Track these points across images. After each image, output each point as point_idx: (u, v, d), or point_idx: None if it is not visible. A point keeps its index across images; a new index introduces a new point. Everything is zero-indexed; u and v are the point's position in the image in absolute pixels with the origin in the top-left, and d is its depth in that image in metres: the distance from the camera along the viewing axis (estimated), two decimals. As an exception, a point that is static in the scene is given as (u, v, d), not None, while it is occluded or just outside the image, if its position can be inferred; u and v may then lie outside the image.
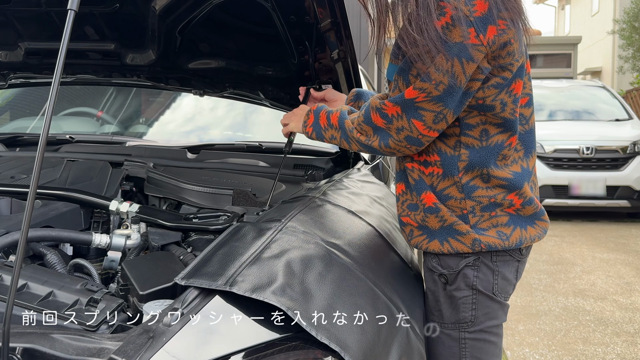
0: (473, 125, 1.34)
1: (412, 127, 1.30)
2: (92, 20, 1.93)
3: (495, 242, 1.37)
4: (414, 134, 1.31)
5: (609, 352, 3.45)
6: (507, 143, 1.36)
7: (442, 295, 1.44)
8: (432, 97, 1.26)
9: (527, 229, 1.41)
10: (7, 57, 2.21)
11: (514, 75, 1.31)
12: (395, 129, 1.32)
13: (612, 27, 16.39)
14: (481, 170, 1.35)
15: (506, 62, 1.28)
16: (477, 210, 1.36)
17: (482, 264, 1.39)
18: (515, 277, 1.45)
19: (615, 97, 8.64)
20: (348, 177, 1.92)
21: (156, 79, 2.27)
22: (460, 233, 1.37)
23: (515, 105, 1.35)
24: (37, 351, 0.94)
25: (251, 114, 2.85)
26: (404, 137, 1.32)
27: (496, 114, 1.32)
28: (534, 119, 1.46)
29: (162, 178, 2.00)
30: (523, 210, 1.40)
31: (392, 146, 1.35)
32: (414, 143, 1.33)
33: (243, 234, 1.28)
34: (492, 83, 1.29)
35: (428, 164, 1.39)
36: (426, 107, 1.27)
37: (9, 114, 3.20)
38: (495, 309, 1.43)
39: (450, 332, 1.44)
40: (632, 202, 7.11)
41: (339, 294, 1.16)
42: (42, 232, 1.48)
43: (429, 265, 1.46)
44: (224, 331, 1.02)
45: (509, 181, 1.37)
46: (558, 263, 5.38)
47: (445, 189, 1.38)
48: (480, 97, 1.30)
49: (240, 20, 1.87)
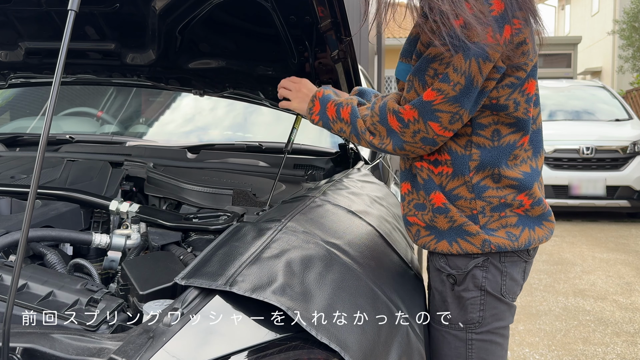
0: (485, 125, 1.34)
1: (429, 129, 1.29)
2: (92, 20, 1.93)
3: (505, 242, 1.36)
4: (430, 135, 1.31)
5: (609, 352, 3.45)
6: (520, 143, 1.36)
7: (449, 296, 1.43)
8: (449, 98, 1.25)
9: (535, 229, 1.40)
10: (8, 57, 2.21)
11: (527, 75, 1.31)
12: (411, 133, 1.31)
13: (612, 27, 16.39)
14: (492, 170, 1.35)
15: (521, 61, 1.28)
16: (487, 210, 1.36)
17: (490, 264, 1.39)
18: (522, 278, 1.44)
19: (615, 97, 8.64)
20: (348, 177, 1.92)
21: (156, 79, 2.27)
22: (470, 234, 1.36)
23: (529, 105, 1.34)
24: (37, 351, 0.94)
25: (251, 114, 2.85)
26: (420, 139, 1.32)
27: (509, 114, 1.32)
28: (541, 118, 1.45)
29: (162, 178, 2.00)
30: (532, 211, 1.40)
31: (406, 149, 1.35)
32: (429, 143, 1.33)
33: (243, 234, 1.28)
34: (506, 82, 1.29)
35: (438, 163, 1.38)
36: (443, 108, 1.27)
37: (9, 114, 3.20)
38: (502, 310, 1.42)
39: (458, 332, 1.43)
40: (632, 202, 7.11)
41: (339, 294, 1.16)
42: (42, 232, 1.48)
43: (436, 265, 1.45)
44: (224, 331, 1.02)
45: (519, 181, 1.36)
46: (558, 263, 5.38)
47: (454, 188, 1.37)
48: (494, 97, 1.30)
49: (240, 20, 1.87)
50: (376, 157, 2.46)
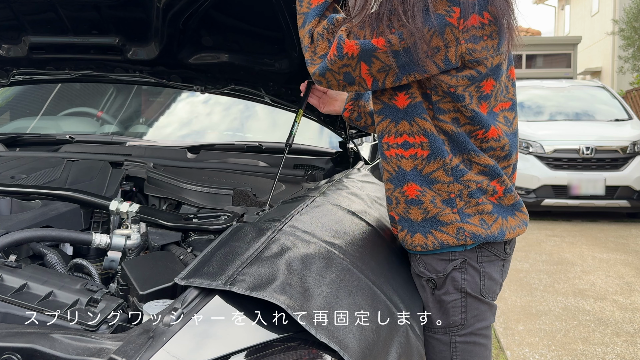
0: (445, 111, 1.34)
1: (357, 68, 1.29)
2: (95, 14, 1.93)
3: (479, 230, 1.37)
4: (355, 74, 1.30)
5: (608, 352, 3.46)
6: (482, 136, 1.36)
7: (430, 300, 1.44)
8: (392, 50, 1.26)
9: (507, 219, 1.41)
10: (11, 52, 2.21)
11: (487, 72, 1.31)
12: (340, 65, 1.30)
13: (612, 28, 16.38)
14: (462, 155, 1.36)
15: (482, 55, 1.28)
16: (465, 195, 1.36)
17: (468, 266, 1.40)
18: (501, 277, 1.45)
19: (615, 97, 8.64)
20: (348, 177, 1.92)
21: (158, 75, 2.27)
22: (444, 223, 1.37)
23: (480, 102, 1.34)
24: (37, 351, 0.94)
25: (251, 114, 2.86)
26: (344, 73, 1.31)
27: (465, 105, 1.33)
28: (517, 122, 1.46)
29: (162, 178, 2.01)
30: (505, 200, 1.40)
31: (326, 76, 1.33)
32: (348, 81, 1.33)
33: (243, 234, 1.28)
34: (465, 73, 1.29)
35: (409, 145, 1.38)
36: (381, 57, 1.27)
37: (9, 114, 3.20)
38: (484, 310, 1.43)
39: (441, 336, 1.44)
40: (632, 202, 7.11)
41: (338, 294, 1.16)
42: (42, 232, 1.48)
43: (415, 270, 1.47)
44: (224, 331, 1.02)
45: (490, 168, 1.37)
46: (558, 263, 5.39)
47: (432, 172, 1.36)
48: (452, 85, 1.30)
49: (243, 11, 1.87)
50: (376, 157, 2.46)
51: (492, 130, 1.37)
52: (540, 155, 7.28)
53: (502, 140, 1.39)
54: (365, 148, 2.44)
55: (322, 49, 1.34)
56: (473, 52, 1.27)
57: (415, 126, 1.36)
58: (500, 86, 1.38)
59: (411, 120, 1.36)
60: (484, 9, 1.25)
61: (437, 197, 1.37)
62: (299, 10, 1.41)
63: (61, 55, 2.22)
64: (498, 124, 1.39)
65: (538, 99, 8.67)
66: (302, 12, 1.39)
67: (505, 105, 1.42)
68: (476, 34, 1.26)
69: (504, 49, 1.32)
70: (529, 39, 18.68)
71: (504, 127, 1.41)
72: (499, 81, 1.36)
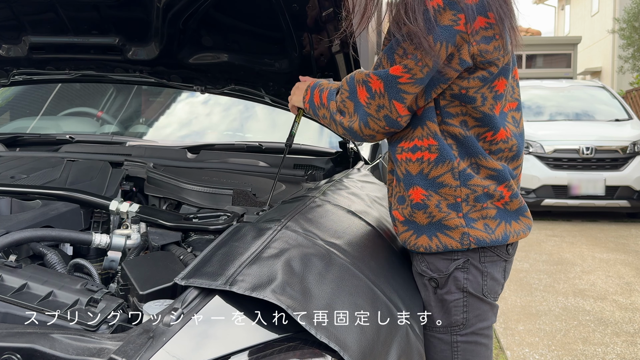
0: (453, 115, 1.35)
1: (392, 108, 1.31)
2: (95, 14, 1.93)
3: (483, 235, 1.37)
4: (393, 116, 1.32)
5: (608, 352, 3.46)
6: (490, 138, 1.37)
7: (432, 300, 1.44)
8: (416, 79, 1.27)
9: (511, 223, 1.41)
10: (11, 52, 2.21)
11: (499, 72, 1.32)
12: (375, 106, 1.32)
13: (612, 27, 16.38)
14: (470, 159, 1.36)
15: (494, 56, 1.29)
16: (471, 199, 1.37)
17: (471, 265, 1.40)
18: (503, 277, 1.46)
19: (615, 97, 8.64)
20: (348, 177, 1.92)
21: (158, 75, 2.27)
22: (449, 228, 1.37)
23: (495, 102, 1.35)
24: (37, 351, 0.94)
25: (251, 114, 2.86)
26: (383, 116, 1.32)
27: (476, 107, 1.33)
28: (523, 122, 1.47)
29: (162, 178, 2.01)
30: (510, 204, 1.41)
31: (370, 125, 1.35)
32: (391, 124, 1.34)
33: (243, 234, 1.28)
34: (478, 75, 1.30)
35: (417, 148, 1.38)
36: (409, 90, 1.28)
37: (9, 114, 3.20)
38: (485, 310, 1.43)
39: (442, 336, 1.44)
40: (632, 202, 7.11)
41: (338, 294, 1.16)
42: (42, 232, 1.48)
43: (417, 269, 1.47)
44: (224, 331, 1.02)
45: (498, 172, 1.38)
46: (558, 263, 5.38)
47: (439, 176, 1.37)
48: (464, 87, 1.31)
49: (243, 11, 1.87)
50: (376, 157, 2.46)
51: (501, 132, 1.37)
52: (540, 155, 7.28)
53: (510, 141, 1.39)
54: (365, 148, 2.44)
55: (351, 106, 1.37)
56: (485, 54, 1.28)
57: (426, 129, 1.37)
58: (509, 86, 1.39)
59: (423, 124, 1.37)
60: (488, 10, 1.26)
61: (443, 201, 1.37)
62: (327, 121, 1.45)
63: (61, 55, 2.22)
64: (507, 124, 1.40)
65: (538, 99, 8.66)
66: (329, 117, 1.43)
67: (512, 106, 1.43)
68: (486, 34, 1.27)
69: (509, 49, 1.34)
70: (529, 39, 18.69)
71: (512, 127, 1.41)
72: (509, 80, 1.37)
